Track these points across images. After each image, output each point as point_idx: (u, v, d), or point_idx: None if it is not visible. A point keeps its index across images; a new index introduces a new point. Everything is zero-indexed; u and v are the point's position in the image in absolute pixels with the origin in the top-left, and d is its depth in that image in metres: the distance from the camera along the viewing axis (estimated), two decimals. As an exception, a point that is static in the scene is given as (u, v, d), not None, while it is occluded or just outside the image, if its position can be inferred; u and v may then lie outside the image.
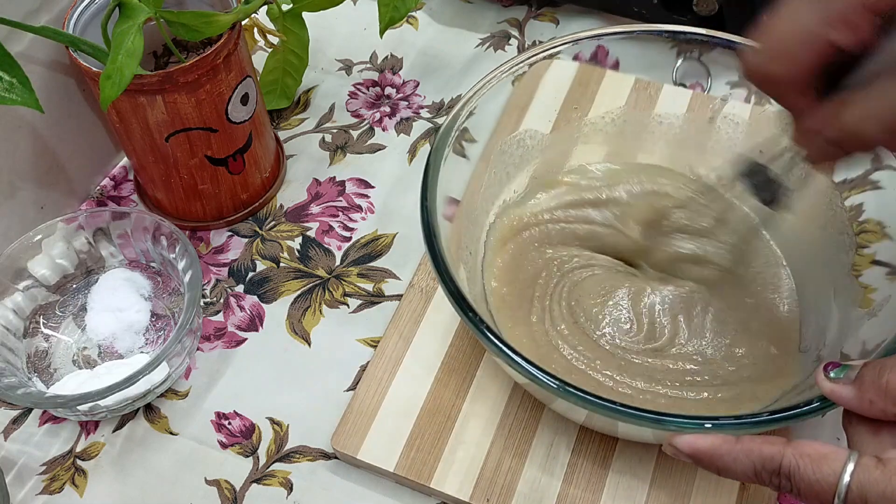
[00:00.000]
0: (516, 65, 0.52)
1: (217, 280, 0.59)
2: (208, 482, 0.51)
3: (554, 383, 0.40)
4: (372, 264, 0.59)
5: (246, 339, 0.56)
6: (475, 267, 0.53)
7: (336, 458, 0.51)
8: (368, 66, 0.71)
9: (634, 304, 0.52)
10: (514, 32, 0.72)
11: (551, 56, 0.53)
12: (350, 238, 0.60)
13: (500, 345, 0.42)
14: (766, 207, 0.46)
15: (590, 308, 0.52)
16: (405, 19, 0.73)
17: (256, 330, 0.57)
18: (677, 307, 0.52)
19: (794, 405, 0.39)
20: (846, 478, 0.33)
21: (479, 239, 0.54)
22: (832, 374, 0.37)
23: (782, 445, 0.35)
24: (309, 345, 0.56)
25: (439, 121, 0.67)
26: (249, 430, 0.52)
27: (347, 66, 0.71)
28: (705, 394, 0.48)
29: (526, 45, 0.71)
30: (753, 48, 0.36)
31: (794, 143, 0.39)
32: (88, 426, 0.53)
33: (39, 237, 0.55)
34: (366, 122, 0.67)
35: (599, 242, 0.55)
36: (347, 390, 0.54)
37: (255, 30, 0.61)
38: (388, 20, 0.60)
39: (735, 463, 0.36)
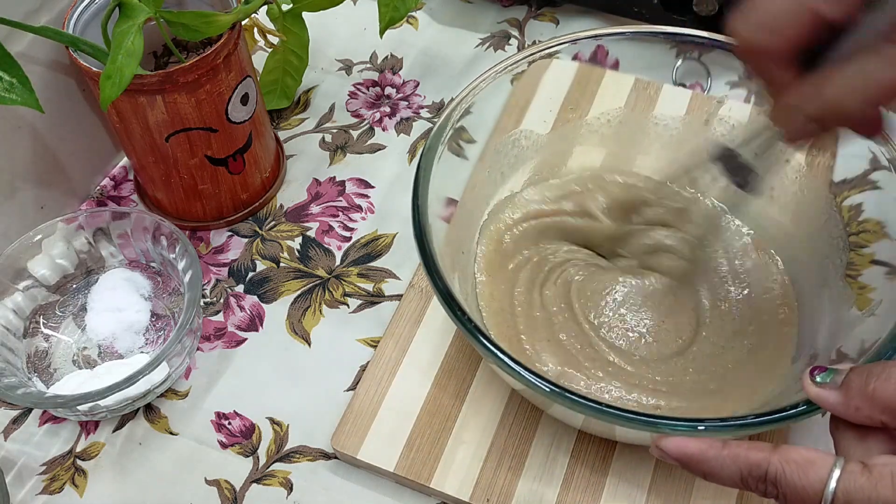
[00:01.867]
0: (512, 64, 0.52)
1: (217, 280, 0.59)
2: (208, 482, 0.51)
3: (547, 387, 0.40)
4: (372, 264, 0.59)
5: (246, 339, 0.56)
6: (468, 267, 0.53)
7: (336, 458, 0.51)
8: (368, 66, 0.71)
9: (628, 307, 0.52)
10: (514, 32, 0.72)
11: (550, 55, 0.53)
12: (350, 238, 0.60)
13: (491, 347, 0.42)
14: (736, 193, 0.46)
15: (585, 309, 0.52)
16: (405, 19, 0.73)
17: (256, 330, 0.57)
18: (673, 312, 0.52)
19: (782, 408, 0.39)
20: (832, 484, 0.32)
21: (472, 238, 0.54)
22: (818, 379, 0.36)
23: (769, 452, 0.34)
24: (309, 345, 0.56)
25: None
26: (249, 430, 0.52)
27: (347, 66, 0.71)
28: (697, 399, 0.48)
29: (526, 45, 0.71)
30: (741, 17, 0.36)
31: (772, 122, 0.39)
32: (88, 426, 0.53)
33: (39, 237, 0.55)
34: (366, 122, 0.67)
35: (578, 236, 0.55)
36: (347, 390, 0.54)
37: (255, 30, 0.61)
38: (388, 20, 0.60)
39: (722, 469, 0.35)
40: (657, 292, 0.53)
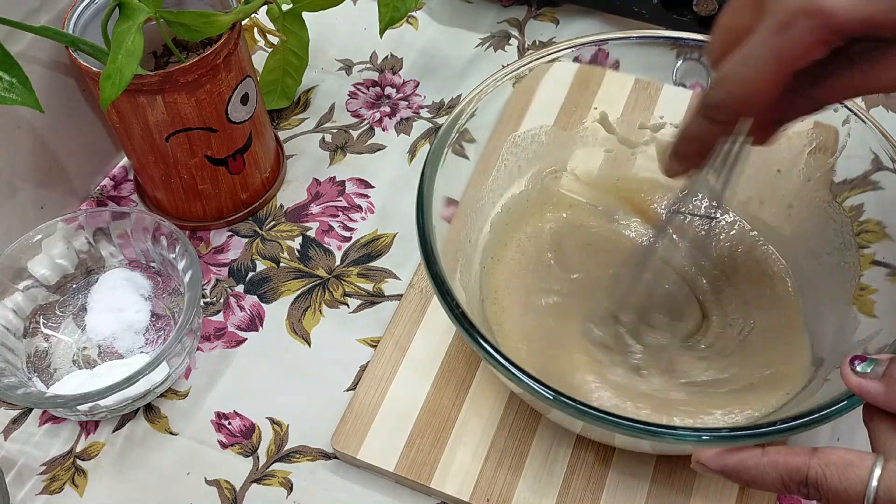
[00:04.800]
0: (515, 70, 0.52)
1: (217, 280, 0.59)
2: (208, 482, 0.51)
3: (549, 394, 0.40)
4: (372, 264, 0.59)
5: (246, 339, 0.56)
6: (471, 267, 0.53)
7: (336, 458, 0.51)
8: (368, 66, 0.71)
9: (635, 314, 0.52)
10: (514, 32, 0.72)
11: (552, 61, 0.54)
12: (350, 238, 0.60)
13: (492, 350, 0.42)
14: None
15: (591, 312, 0.52)
16: (405, 19, 0.73)
17: (256, 330, 0.57)
18: (677, 318, 0.52)
19: (790, 417, 0.39)
20: (873, 483, 0.33)
21: (481, 229, 0.54)
22: (859, 369, 0.36)
23: (807, 455, 0.34)
24: (309, 345, 0.56)
25: (439, 121, 0.67)
26: (249, 430, 0.52)
27: (347, 66, 0.71)
28: (699, 403, 0.48)
29: (526, 45, 0.71)
30: (717, 89, 0.36)
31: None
32: (88, 426, 0.53)
33: (39, 237, 0.55)
34: (366, 122, 0.67)
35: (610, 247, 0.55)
36: (347, 390, 0.54)
37: (255, 30, 0.61)
38: (388, 20, 0.60)
39: (763, 476, 0.36)
40: (664, 300, 0.53)
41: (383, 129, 0.66)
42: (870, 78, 0.35)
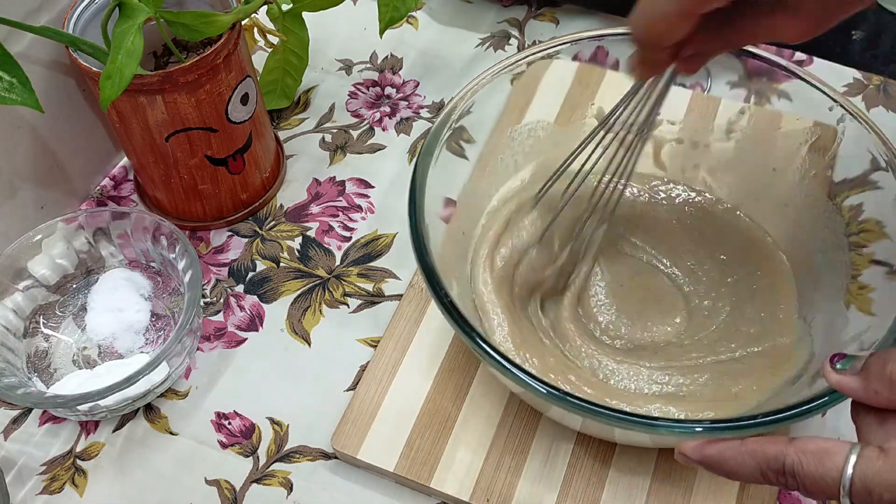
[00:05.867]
0: (511, 64, 0.52)
1: (217, 280, 0.59)
2: (208, 482, 0.51)
3: (544, 389, 0.40)
4: (372, 264, 0.59)
5: (246, 339, 0.56)
6: (466, 269, 0.53)
7: (336, 458, 0.51)
8: (368, 66, 0.71)
9: (634, 305, 0.52)
10: (514, 32, 0.72)
11: (549, 56, 0.53)
12: (350, 238, 0.60)
13: (490, 350, 0.42)
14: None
15: (589, 308, 0.52)
16: (405, 19, 0.73)
17: (256, 330, 0.57)
18: (675, 308, 0.52)
19: (780, 409, 0.39)
20: (849, 470, 0.33)
21: (477, 222, 0.54)
22: (838, 366, 0.36)
23: (784, 445, 0.35)
24: (309, 345, 0.56)
25: (439, 121, 0.67)
26: (249, 430, 0.52)
27: (347, 66, 0.71)
28: (697, 394, 0.48)
29: (526, 45, 0.71)
30: (634, 24, 0.40)
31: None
32: (88, 426, 0.53)
33: (39, 237, 0.55)
34: (366, 122, 0.67)
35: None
36: (347, 390, 0.54)
37: (255, 30, 0.61)
38: (388, 20, 0.60)
39: (742, 466, 0.36)
40: (659, 295, 0.53)
41: (383, 129, 0.66)
42: (768, 29, 0.40)
